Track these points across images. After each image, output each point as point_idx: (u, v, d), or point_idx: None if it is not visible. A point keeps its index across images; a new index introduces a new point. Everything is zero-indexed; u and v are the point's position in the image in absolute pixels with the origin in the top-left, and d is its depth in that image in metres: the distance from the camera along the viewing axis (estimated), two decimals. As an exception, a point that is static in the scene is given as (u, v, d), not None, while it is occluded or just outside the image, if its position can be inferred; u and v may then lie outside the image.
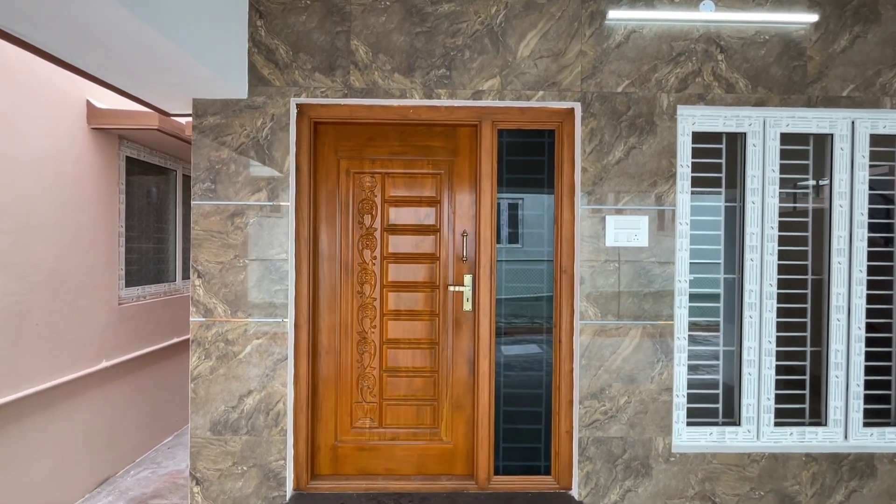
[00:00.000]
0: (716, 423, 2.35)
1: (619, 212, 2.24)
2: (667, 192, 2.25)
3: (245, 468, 2.19)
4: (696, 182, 2.34)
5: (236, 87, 2.11)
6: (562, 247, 2.32)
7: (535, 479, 2.33)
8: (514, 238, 2.44)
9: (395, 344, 2.39)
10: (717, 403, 2.36)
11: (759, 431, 2.31)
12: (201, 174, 2.19)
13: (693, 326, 2.35)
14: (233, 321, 2.19)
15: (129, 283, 3.10)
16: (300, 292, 2.27)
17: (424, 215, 2.39)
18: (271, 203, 2.19)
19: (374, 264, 2.38)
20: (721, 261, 2.39)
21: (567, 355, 2.31)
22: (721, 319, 2.37)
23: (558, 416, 2.32)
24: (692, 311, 2.34)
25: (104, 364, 2.82)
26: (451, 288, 2.35)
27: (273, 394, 2.19)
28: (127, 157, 3.08)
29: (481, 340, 2.31)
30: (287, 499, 2.21)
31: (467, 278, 2.37)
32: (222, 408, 2.19)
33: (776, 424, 2.32)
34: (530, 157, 2.40)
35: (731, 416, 2.38)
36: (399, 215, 2.38)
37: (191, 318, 2.18)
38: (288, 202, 2.20)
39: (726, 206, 2.40)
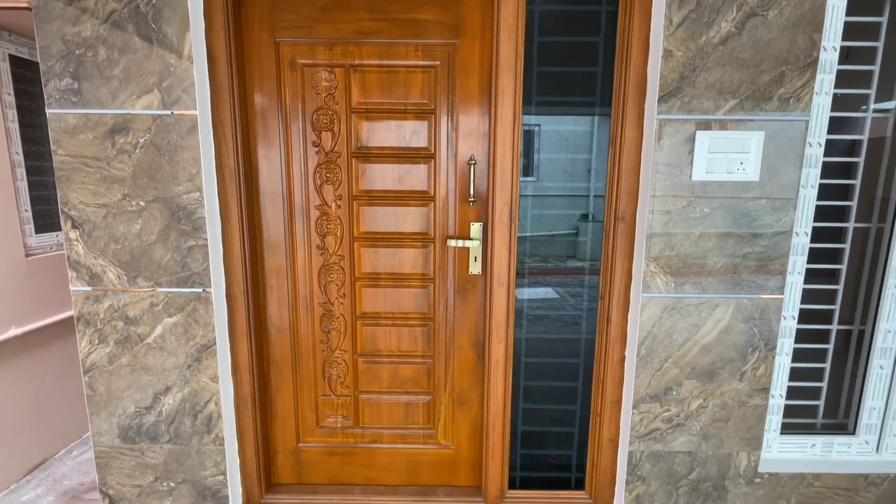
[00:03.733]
0: (818, 431, 1.69)
1: (719, 125, 1.41)
2: (799, 91, 1.40)
3: (172, 484, 1.62)
4: (842, 79, 1.47)
5: None
6: (619, 182, 1.52)
7: (564, 494, 1.74)
8: (526, 169, 1.65)
9: (373, 320, 1.70)
10: (818, 400, 1.68)
11: (881, 443, 1.65)
12: (54, 64, 1.38)
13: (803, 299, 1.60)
14: (132, 291, 1.50)
15: (40, 229, 2.40)
16: (230, 249, 1.55)
17: (412, 133, 1.58)
18: (168, 112, 1.40)
19: (340, 207, 1.62)
20: (854, 202, 1.58)
21: (618, 340, 1.60)
22: (841, 287, 1.61)
23: (600, 420, 1.67)
24: (808, 277, 1.58)
25: (14, 332, 2.21)
26: (452, 242, 1.61)
27: (200, 391, 1.56)
28: (11, 56, 2.24)
29: (495, 316, 1.60)
30: (233, 520, 1.66)
31: (475, 228, 1.61)
32: (132, 409, 1.57)
33: (908, 434, 1.65)
34: (575, 39, 1.53)
35: (835, 418, 1.71)
36: (374, 133, 1.58)
37: (71, 287, 1.49)
38: (195, 110, 1.40)
39: (875, 119, 1.55)
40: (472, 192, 1.56)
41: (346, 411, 1.76)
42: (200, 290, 1.50)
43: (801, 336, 1.62)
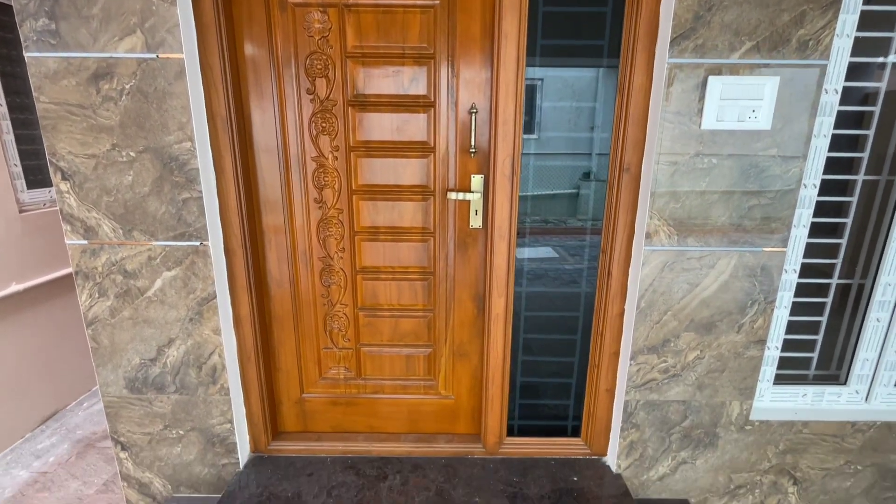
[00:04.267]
0: (810, 382, 1.73)
1: (731, 70, 1.35)
2: (820, 33, 1.32)
3: (181, 432, 1.67)
4: (866, 20, 1.38)
5: None
6: (625, 132, 1.47)
7: (560, 441, 1.81)
8: (527, 126, 1.58)
9: (372, 274, 1.70)
10: (812, 353, 1.71)
11: (871, 393, 1.69)
12: (28, 2, 1.29)
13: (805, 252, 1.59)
14: (128, 245, 1.48)
15: (32, 185, 2.36)
16: (226, 202, 1.51)
17: (410, 80, 1.51)
18: (153, 55, 1.33)
19: (337, 158, 1.58)
20: (865, 154, 1.54)
21: (618, 294, 1.60)
22: (845, 241, 1.60)
23: (597, 371, 1.70)
24: (812, 230, 1.56)
25: (14, 287, 2.21)
26: (453, 195, 1.58)
27: (203, 343, 1.58)
28: (-15, -2, 2.11)
29: (495, 270, 1.60)
30: (242, 465, 1.72)
31: (476, 180, 1.57)
32: (137, 360, 1.59)
33: (898, 384, 1.69)
34: (586, -24, 1.43)
35: (828, 370, 1.74)
36: (371, 80, 1.51)
37: (66, 241, 1.47)
38: (181, 54, 1.33)
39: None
40: (472, 144, 1.51)
41: (349, 363, 1.79)
42: (198, 243, 1.48)
43: (799, 290, 1.62)
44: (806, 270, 1.61)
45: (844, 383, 1.71)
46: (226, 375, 1.61)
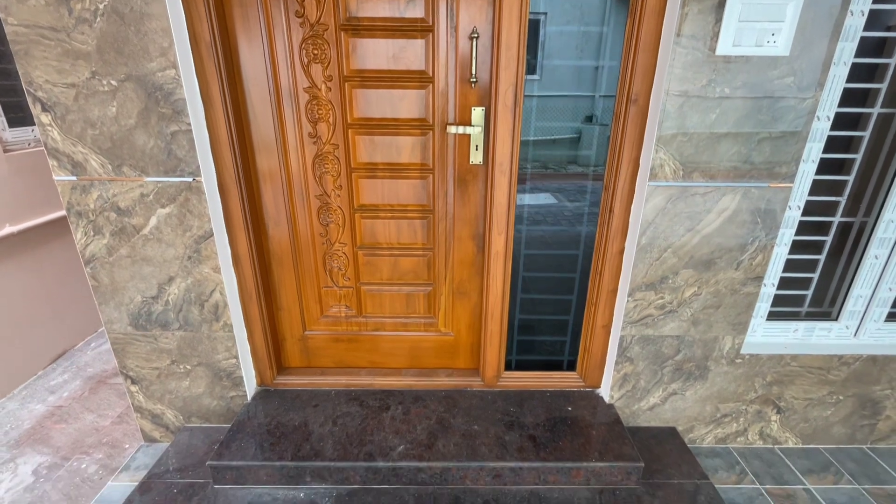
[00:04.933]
0: (801, 318, 1.76)
1: (753, -13, 1.25)
2: (853, -56, 1.21)
3: (188, 367, 1.72)
4: (904, -73, 1.27)
5: None
6: (635, 60, 1.39)
7: (556, 375, 1.87)
8: (529, 67, 1.49)
9: (371, 212, 1.67)
10: (807, 290, 1.73)
11: (860, 329, 1.73)
12: None
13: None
14: (119, 181, 1.44)
15: (13, 123, 2.26)
16: (216, 135, 1.46)
17: (407, 1, 1.40)
18: (126, -31, 1.22)
19: (331, 89, 1.50)
20: (884, 85, 1.47)
21: (619, 231, 1.59)
22: (852, 177, 1.57)
23: (594, 308, 1.73)
24: (819, 166, 1.53)
25: (8, 229, 2.19)
26: (453, 129, 1.52)
27: (203, 281, 1.58)
28: None
29: (496, 207, 1.57)
30: (249, 397, 1.79)
31: (477, 113, 1.51)
32: (139, 298, 1.60)
33: (888, 319, 1.72)
34: None
35: (820, 307, 1.77)
36: (364, 0, 1.40)
37: (54, 177, 1.43)
38: (156, -32, 1.22)
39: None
40: (473, 72, 1.43)
41: (349, 302, 1.81)
42: (190, 179, 1.44)
43: (799, 228, 1.61)
44: (809, 208, 1.59)
45: (836, 320, 1.75)
46: (228, 313, 1.63)
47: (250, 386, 1.79)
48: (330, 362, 1.91)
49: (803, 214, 1.59)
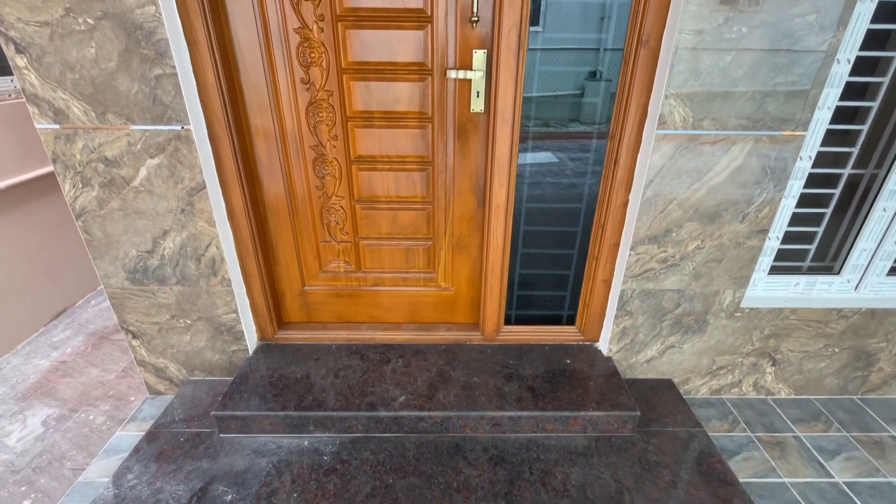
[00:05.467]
0: (803, 272, 1.76)
1: (781, -89, 1.15)
2: None
3: (188, 321, 1.72)
4: None
5: None
6: (648, -5, 1.30)
7: (555, 329, 1.89)
8: (532, 17, 1.38)
9: (368, 164, 1.62)
10: (811, 244, 1.71)
11: (861, 282, 1.73)
12: None
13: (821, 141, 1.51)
14: (104, 129, 1.38)
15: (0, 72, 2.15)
16: (203, 79, 1.38)
17: (403, -72, 1.29)
18: None
19: (323, 30, 1.41)
20: (911, 26, 1.39)
21: (623, 183, 1.55)
22: (866, 127, 1.51)
23: (595, 262, 1.71)
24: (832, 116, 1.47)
25: (-3, 185, 2.13)
26: (453, 74, 1.44)
27: (198, 235, 1.55)
28: None
29: (497, 159, 1.52)
30: (251, 351, 1.81)
31: (478, 56, 1.43)
32: (134, 252, 1.58)
33: (890, 273, 1.71)
34: None
35: (823, 262, 1.76)
36: (357, -71, 1.29)
37: (36, 125, 1.36)
38: None
39: None
40: (475, 9, 1.34)
41: (348, 257, 1.79)
42: (179, 127, 1.38)
43: (808, 181, 1.57)
44: (819, 159, 1.54)
45: (838, 274, 1.74)
46: (226, 267, 1.61)
47: (251, 340, 1.80)
48: (330, 317, 1.91)
49: (813, 167, 1.54)
